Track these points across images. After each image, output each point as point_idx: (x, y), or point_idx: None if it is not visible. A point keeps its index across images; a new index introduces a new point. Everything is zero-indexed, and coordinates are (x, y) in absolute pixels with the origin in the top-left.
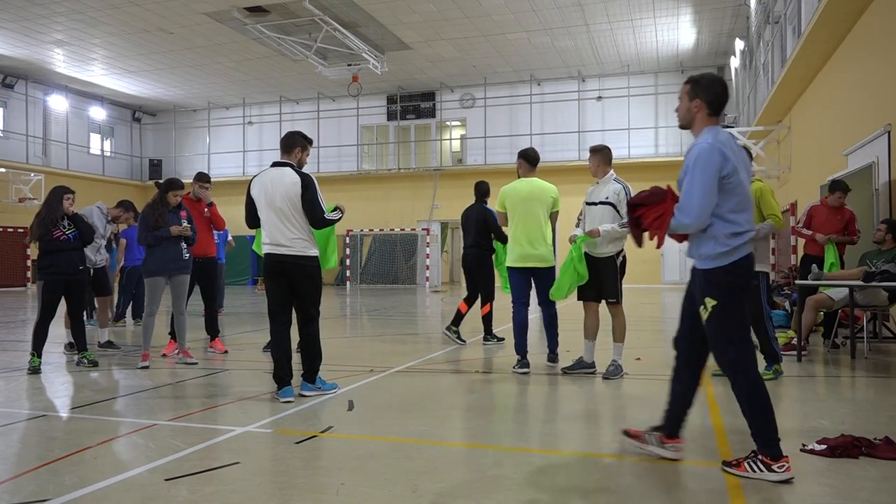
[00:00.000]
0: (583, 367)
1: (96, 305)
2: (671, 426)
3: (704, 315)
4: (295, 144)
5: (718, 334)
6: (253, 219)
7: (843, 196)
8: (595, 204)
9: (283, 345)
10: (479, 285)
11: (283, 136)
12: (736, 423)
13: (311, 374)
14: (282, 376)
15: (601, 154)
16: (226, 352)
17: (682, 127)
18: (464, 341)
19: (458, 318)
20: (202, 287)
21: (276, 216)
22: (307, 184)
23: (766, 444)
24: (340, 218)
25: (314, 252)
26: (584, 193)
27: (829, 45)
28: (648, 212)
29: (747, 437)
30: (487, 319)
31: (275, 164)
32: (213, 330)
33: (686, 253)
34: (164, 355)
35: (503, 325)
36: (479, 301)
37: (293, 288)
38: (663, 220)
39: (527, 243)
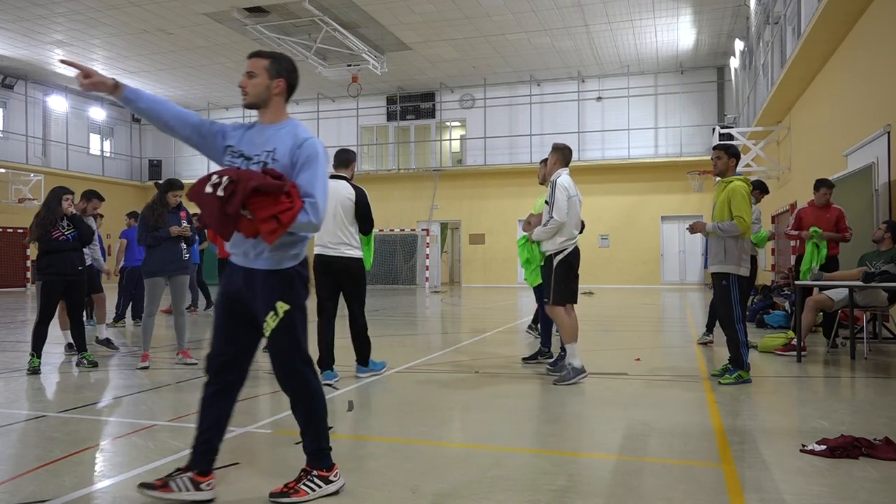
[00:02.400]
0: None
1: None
2: (206, 460)
3: (273, 322)
4: (351, 160)
5: (290, 341)
6: None
7: (828, 192)
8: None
9: (327, 337)
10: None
11: (337, 151)
12: (735, 424)
13: (364, 359)
14: (326, 361)
15: (559, 153)
16: None
17: (249, 106)
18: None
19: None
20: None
21: (331, 222)
22: (361, 197)
23: (322, 457)
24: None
25: (359, 254)
26: (582, 193)
27: (829, 45)
28: (270, 203)
29: (748, 437)
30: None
31: (332, 177)
32: None
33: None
34: None
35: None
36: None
37: (339, 286)
38: (290, 216)
39: None
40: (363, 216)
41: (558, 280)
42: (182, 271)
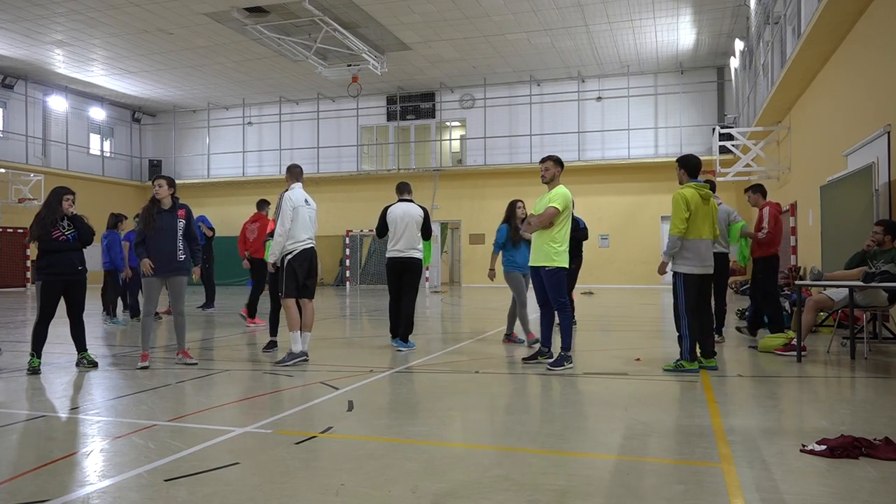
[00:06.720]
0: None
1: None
2: None
3: None
4: (411, 189)
5: None
6: (383, 233)
7: (750, 196)
8: None
9: (396, 315)
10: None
11: (403, 182)
12: (736, 424)
13: (405, 336)
14: (395, 330)
15: (289, 172)
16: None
17: None
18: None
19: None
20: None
21: (405, 234)
22: (426, 214)
23: None
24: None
25: (421, 255)
26: (581, 193)
27: (828, 45)
28: None
29: (747, 436)
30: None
31: (402, 201)
32: (252, 309)
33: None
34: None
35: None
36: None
37: (403, 279)
38: None
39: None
40: (426, 227)
41: (286, 277)
42: (178, 272)
